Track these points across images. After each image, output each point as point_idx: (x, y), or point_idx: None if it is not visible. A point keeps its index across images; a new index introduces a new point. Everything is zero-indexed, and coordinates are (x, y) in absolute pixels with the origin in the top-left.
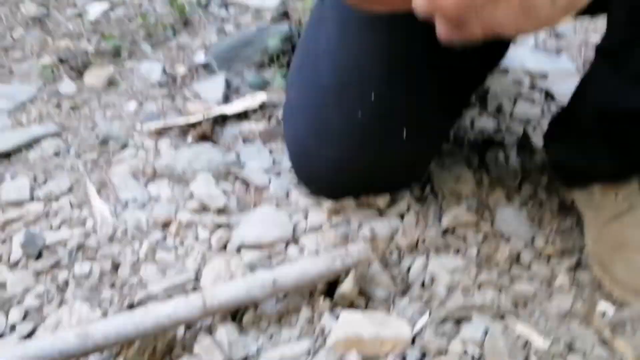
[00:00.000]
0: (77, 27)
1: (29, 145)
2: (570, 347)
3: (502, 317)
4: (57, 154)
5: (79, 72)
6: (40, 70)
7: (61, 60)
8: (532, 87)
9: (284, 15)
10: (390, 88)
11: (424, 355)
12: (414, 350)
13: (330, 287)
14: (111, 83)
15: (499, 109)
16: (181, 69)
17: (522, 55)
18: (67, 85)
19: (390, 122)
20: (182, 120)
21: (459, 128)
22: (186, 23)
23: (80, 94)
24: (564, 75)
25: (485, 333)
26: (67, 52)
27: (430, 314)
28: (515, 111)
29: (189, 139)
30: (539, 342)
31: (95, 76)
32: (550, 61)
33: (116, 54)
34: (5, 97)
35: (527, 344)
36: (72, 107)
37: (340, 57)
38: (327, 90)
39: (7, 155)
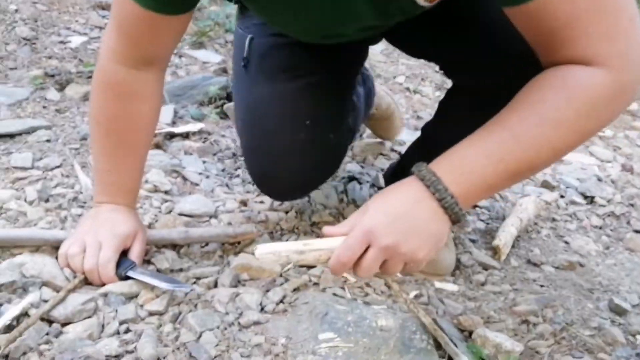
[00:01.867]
0: (60, 51)
1: (27, 132)
2: (368, 284)
3: None
4: (48, 140)
5: (62, 86)
6: (30, 79)
7: (47, 74)
8: (392, 149)
9: (223, 70)
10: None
11: (286, 280)
12: (281, 279)
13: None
14: (87, 98)
15: (364, 159)
16: None
17: None
18: (52, 94)
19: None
20: None
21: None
22: None
23: (63, 102)
24: None
25: (322, 272)
26: (54, 69)
27: (293, 264)
28: (375, 162)
29: None
30: (351, 279)
31: (75, 91)
32: (409, 134)
33: (91, 77)
34: (5, 95)
35: (344, 280)
36: (57, 110)
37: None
38: (272, 134)
39: (11, 136)
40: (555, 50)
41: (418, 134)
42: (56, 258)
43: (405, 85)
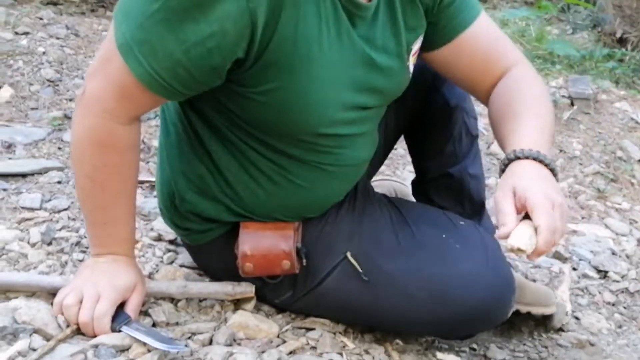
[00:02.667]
0: None
1: (40, 172)
2: (367, 352)
3: (334, 333)
4: (59, 182)
5: None
6: (49, 120)
7: (66, 116)
8: None
9: None
10: None
11: (283, 342)
12: (278, 340)
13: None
14: None
15: None
16: (155, 143)
17: None
18: (69, 136)
19: None
20: (152, 179)
21: None
22: None
23: None
24: None
25: (321, 335)
26: (73, 111)
27: (292, 324)
28: None
29: (155, 192)
30: (350, 345)
31: None
32: None
33: None
34: (22, 134)
35: (343, 345)
36: None
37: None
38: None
39: (24, 176)
40: (493, 67)
41: None
42: (51, 304)
43: None
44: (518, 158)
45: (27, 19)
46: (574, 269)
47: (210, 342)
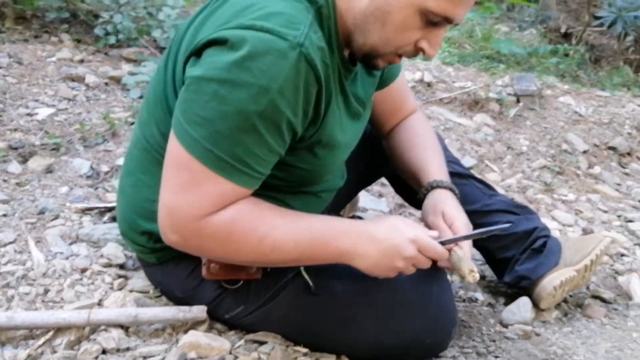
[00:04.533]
0: (26, 123)
1: None
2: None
3: (287, 346)
4: (5, 215)
5: (24, 158)
6: None
7: (10, 147)
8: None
9: None
10: None
11: (235, 358)
12: (230, 356)
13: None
14: (49, 170)
15: None
16: (104, 168)
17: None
18: (14, 167)
19: None
20: (101, 205)
21: None
22: (114, 134)
23: (25, 175)
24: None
25: (272, 349)
26: (17, 142)
27: (244, 339)
28: None
29: (105, 218)
30: (302, 358)
31: (37, 163)
32: (372, 201)
33: (56, 149)
34: None
35: (294, 358)
36: (17, 184)
37: None
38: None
39: None
40: (402, 110)
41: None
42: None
43: None
44: (438, 187)
45: None
46: None
47: None
